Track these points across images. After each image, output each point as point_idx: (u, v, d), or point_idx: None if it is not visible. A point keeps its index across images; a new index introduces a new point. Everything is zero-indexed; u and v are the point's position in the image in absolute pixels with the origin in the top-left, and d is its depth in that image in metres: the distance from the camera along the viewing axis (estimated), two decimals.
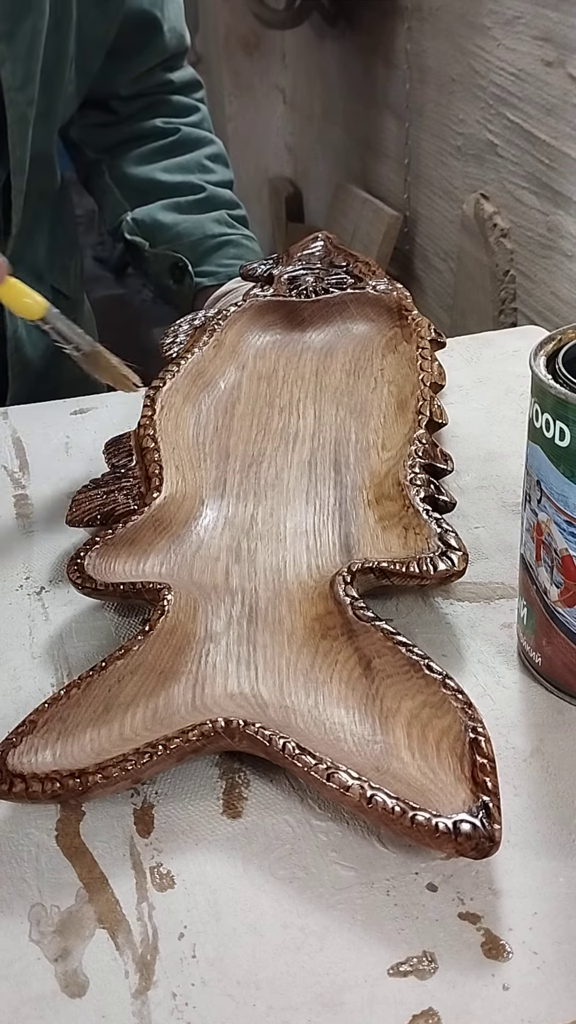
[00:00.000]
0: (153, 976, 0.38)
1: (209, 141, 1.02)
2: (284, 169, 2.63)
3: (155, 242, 0.95)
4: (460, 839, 0.38)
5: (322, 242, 0.85)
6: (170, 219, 0.95)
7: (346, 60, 2.05)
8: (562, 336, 0.45)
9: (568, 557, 0.44)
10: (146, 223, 0.96)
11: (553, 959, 0.37)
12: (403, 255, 1.87)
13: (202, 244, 0.94)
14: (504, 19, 1.35)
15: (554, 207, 1.31)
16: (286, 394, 0.68)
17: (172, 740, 0.43)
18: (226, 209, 0.97)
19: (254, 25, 2.31)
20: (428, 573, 0.50)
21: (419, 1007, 0.36)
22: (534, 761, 0.45)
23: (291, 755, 0.41)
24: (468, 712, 0.42)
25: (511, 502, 0.62)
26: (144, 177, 0.96)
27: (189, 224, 0.95)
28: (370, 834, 0.42)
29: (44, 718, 0.45)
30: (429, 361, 0.67)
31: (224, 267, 0.93)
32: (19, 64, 0.80)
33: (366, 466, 0.61)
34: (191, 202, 0.96)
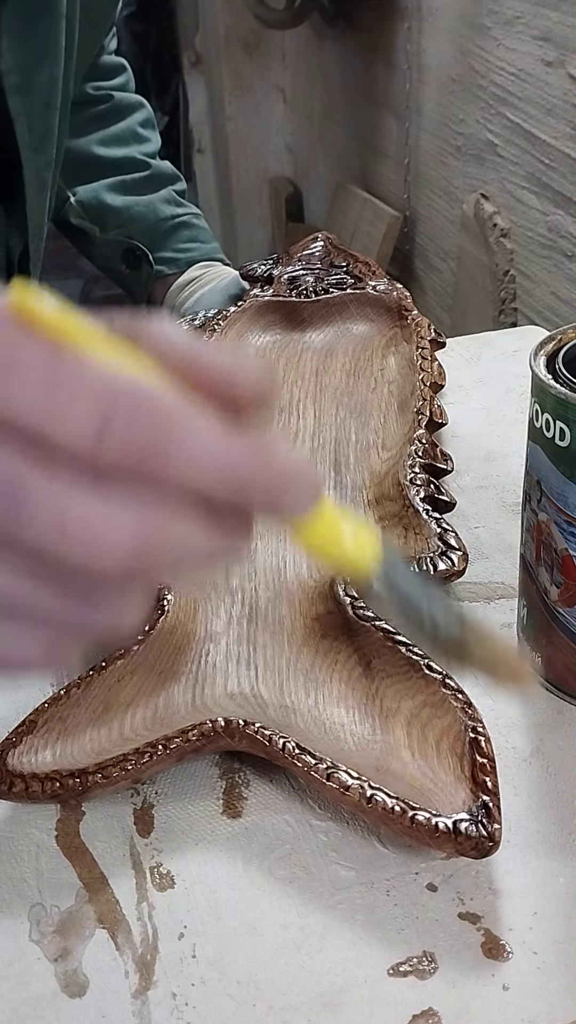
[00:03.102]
0: (153, 976, 0.38)
1: (139, 105, 0.97)
2: (284, 169, 2.63)
3: (106, 227, 0.91)
4: (460, 839, 0.38)
5: (322, 242, 0.85)
6: (120, 202, 0.91)
7: (346, 60, 2.05)
8: (562, 336, 0.45)
9: (568, 557, 0.44)
10: (94, 206, 0.91)
11: (553, 959, 0.37)
12: (403, 255, 1.87)
13: (157, 229, 0.91)
14: (504, 19, 1.35)
15: (554, 207, 1.31)
16: (286, 394, 0.68)
17: (172, 740, 0.43)
18: (171, 184, 0.94)
19: (254, 25, 2.31)
20: (428, 573, 0.50)
21: (419, 1007, 0.36)
22: (534, 761, 0.45)
23: (291, 755, 0.41)
24: (468, 712, 0.42)
25: (511, 502, 0.62)
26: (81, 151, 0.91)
27: (141, 207, 0.91)
28: (370, 834, 0.42)
29: (44, 718, 0.45)
30: (429, 361, 0.67)
31: (182, 252, 0.91)
32: (36, 120, 0.72)
33: (366, 466, 0.61)
34: (137, 180, 0.92)
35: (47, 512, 0.22)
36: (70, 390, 0.22)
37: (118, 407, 0.22)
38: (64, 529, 0.22)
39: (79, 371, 0.22)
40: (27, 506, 0.22)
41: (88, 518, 0.22)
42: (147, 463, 0.22)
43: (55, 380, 0.22)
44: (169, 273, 0.91)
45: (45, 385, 0.22)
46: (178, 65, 2.65)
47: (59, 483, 0.22)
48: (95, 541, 0.22)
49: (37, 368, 0.22)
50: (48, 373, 0.22)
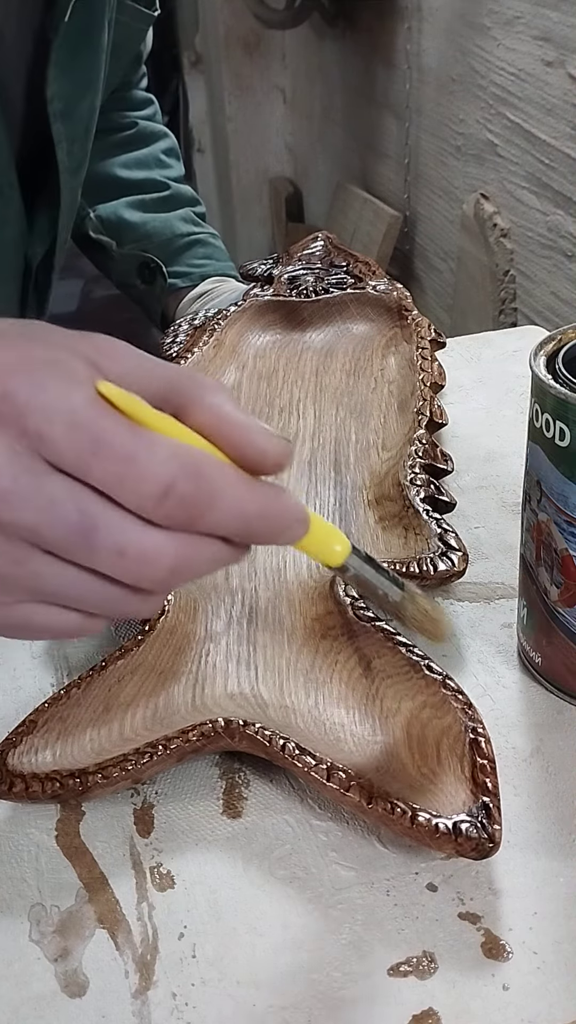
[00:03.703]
0: (153, 976, 0.38)
1: (164, 134, 1.01)
2: (284, 169, 2.63)
3: (122, 242, 0.94)
4: (460, 839, 0.38)
5: (322, 242, 0.85)
6: (137, 218, 0.93)
7: (346, 60, 2.05)
8: (562, 336, 0.45)
9: (568, 557, 0.44)
10: (112, 221, 0.94)
11: (553, 959, 0.37)
12: (403, 255, 1.87)
13: (172, 244, 0.93)
14: (504, 19, 1.35)
15: (554, 207, 1.31)
16: (286, 394, 0.68)
17: (172, 740, 0.43)
18: (189, 206, 0.96)
19: (254, 25, 2.31)
20: (428, 573, 0.50)
21: (419, 1007, 0.36)
22: (534, 761, 0.45)
23: (291, 755, 0.41)
24: (468, 712, 0.42)
25: (511, 502, 0.62)
26: (103, 173, 0.94)
27: (157, 223, 0.93)
28: (370, 834, 0.42)
29: (44, 718, 0.45)
30: (429, 361, 0.67)
31: (196, 267, 0.93)
32: (76, 145, 0.77)
33: (366, 466, 0.61)
34: (156, 200, 0.95)
35: (111, 541, 0.30)
36: (141, 465, 0.29)
37: (176, 480, 0.29)
38: (124, 555, 0.30)
39: (148, 448, 0.29)
40: (97, 536, 0.30)
41: (141, 547, 0.30)
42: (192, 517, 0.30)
43: (130, 456, 0.29)
44: (182, 286, 0.92)
45: (123, 461, 0.29)
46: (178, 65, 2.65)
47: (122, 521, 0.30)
48: (145, 565, 0.30)
49: (115, 446, 0.29)
50: (124, 450, 0.29)
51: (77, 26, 0.71)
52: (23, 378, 0.29)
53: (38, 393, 0.29)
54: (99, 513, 0.29)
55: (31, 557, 0.30)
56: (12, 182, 0.73)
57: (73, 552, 0.30)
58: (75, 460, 0.29)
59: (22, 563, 0.30)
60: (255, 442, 0.32)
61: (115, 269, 0.95)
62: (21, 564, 0.30)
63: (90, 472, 0.29)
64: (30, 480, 0.29)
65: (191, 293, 0.91)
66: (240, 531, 0.32)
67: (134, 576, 0.31)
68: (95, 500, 0.29)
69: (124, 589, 0.31)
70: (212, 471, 0.30)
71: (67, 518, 0.29)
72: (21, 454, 0.29)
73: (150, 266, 0.92)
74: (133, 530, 0.30)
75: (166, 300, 0.93)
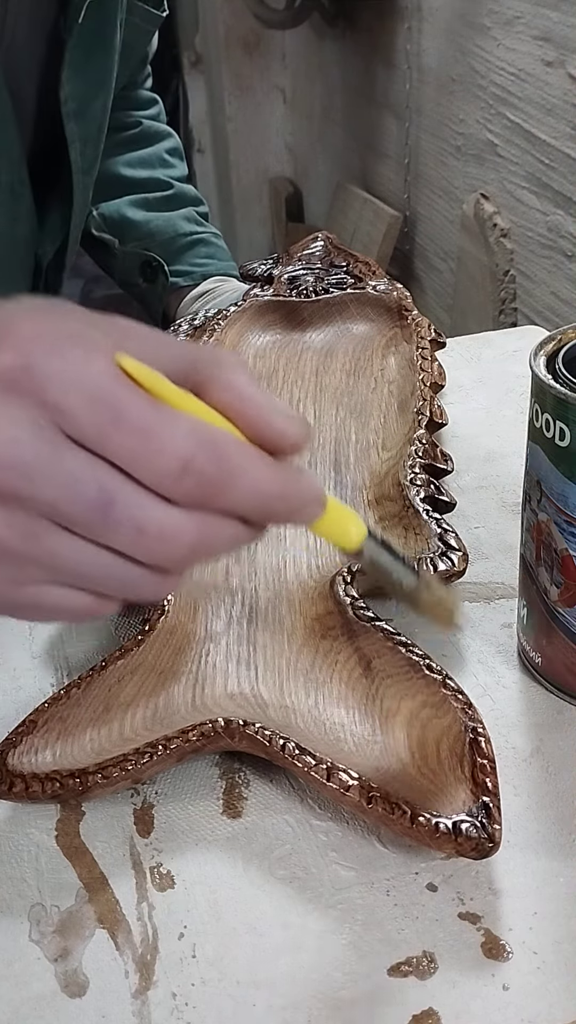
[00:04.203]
0: (153, 976, 0.38)
1: (168, 134, 1.01)
2: (284, 169, 2.63)
3: (125, 240, 0.94)
4: (460, 839, 0.38)
5: (322, 242, 0.85)
6: (140, 216, 0.94)
7: (346, 60, 2.05)
8: (562, 336, 0.45)
9: (568, 557, 0.44)
10: (115, 220, 0.94)
11: (553, 959, 0.37)
12: (403, 255, 1.87)
13: (174, 243, 0.93)
14: (504, 19, 1.35)
15: (554, 207, 1.31)
16: (286, 394, 0.68)
17: (172, 740, 0.43)
18: (192, 206, 0.97)
19: (254, 25, 2.31)
20: (428, 573, 0.50)
21: (419, 1007, 0.36)
22: (534, 761, 0.45)
23: (291, 755, 0.41)
24: (468, 712, 0.42)
25: (511, 502, 0.62)
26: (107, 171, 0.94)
27: (160, 222, 0.94)
28: (370, 834, 0.42)
29: (44, 718, 0.45)
30: (429, 361, 0.67)
31: (198, 266, 0.93)
32: (89, 145, 0.77)
33: (366, 466, 0.61)
34: (159, 199, 0.95)
35: (130, 518, 0.29)
36: (160, 440, 0.29)
37: (195, 457, 0.29)
38: (142, 531, 0.29)
39: (168, 423, 0.29)
40: (115, 512, 0.29)
41: (160, 525, 0.30)
42: (210, 495, 0.30)
43: (149, 430, 0.29)
44: (184, 285, 0.92)
45: (142, 434, 0.29)
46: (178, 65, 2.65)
47: (141, 497, 0.29)
48: (164, 542, 0.30)
49: (135, 421, 0.29)
50: (143, 424, 0.29)
51: (91, 27, 0.71)
52: (44, 349, 0.29)
53: (58, 365, 0.28)
54: (118, 489, 0.29)
55: (48, 533, 0.30)
56: (24, 180, 0.73)
57: (91, 528, 0.29)
58: (94, 433, 0.29)
59: (38, 539, 0.30)
60: (274, 423, 0.31)
61: (117, 267, 0.95)
62: (37, 540, 0.30)
63: (109, 446, 0.29)
64: (50, 454, 0.28)
65: (192, 292, 0.91)
66: (259, 510, 0.31)
67: (152, 554, 0.30)
68: (114, 476, 0.29)
69: (141, 568, 0.31)
70: (231, 449, 0.30)
71: (86, 494, 0.29)
72: (41, 427, 0.28)
73: (152, 264, 0.92)
74: (152, 507, 0.29)
75: (167, 299, 0.93)
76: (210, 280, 0.91)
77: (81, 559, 0.30)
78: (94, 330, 0.30)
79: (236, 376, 0.31)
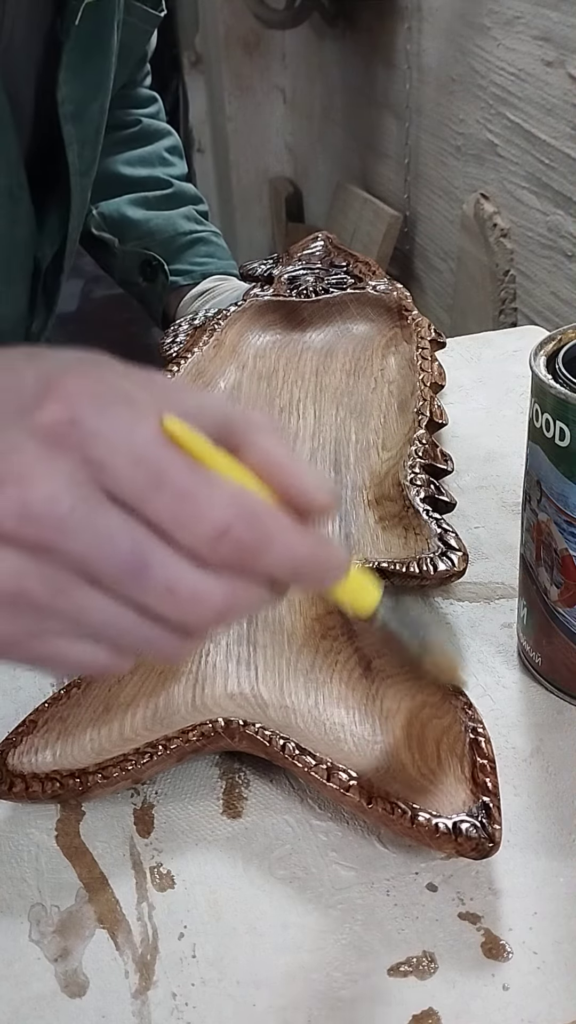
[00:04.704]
0: (153, 976, 0.38)
1: (167, 132, 1.01)
2: (284, 169, 2.63)
3: (125, 239, 0.94)
4: (460, 839, 0.38)
5: (322, 242, 0.85)
6: (140, 215, 0.93)
7: (346, 60, 2.05)
8: (562, 336, 0.45)
9: (568, 557, 0.44)
10: (114, 219, 0.94)
11: (553, 959, 0.37)
12: (403, 255, 1.87)
13: (174, 242, 0.93)
14: (504, 19, 1.35)
15: (554, 207, 1.31)
16: (286, 394, 0.68)
17: (172, 740, 0.43)
18: (192, 205, 0.97)
19: (254, 25, 2.31)
20: (428, 573, 0.50)
21: (419, 1007, 0.36)
22: (534, 761, 0.45)
23: (291, 755, 0.41)
24: (468, 712, 0.42)
25: (511, 502, 0.62)
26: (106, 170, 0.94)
27: (160, 221, 0.94)
28: (370, 834, 0.42)
29: (44, 718, 0.45)
30: (429, 361, 0.67)
31: (198, 265, 0.93)
32: (87, 147, 0.77)
33: (366, 466, 0.61)
34: (159, 198, 0.95)
35: (163, 579, 0.30)
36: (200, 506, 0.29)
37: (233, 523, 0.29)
38: (174, 593, 0.30)
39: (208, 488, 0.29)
40: (149, 572, 0.29)
41: (192, 588, 0.30)
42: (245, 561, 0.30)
43: (190, 495, 0.29)
44: (184, 284, 0.92)
45: (183, 499, 0.29)
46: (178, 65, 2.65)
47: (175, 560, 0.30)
48: (194, 604, 0.30)
49: (176, 484, 0.29)
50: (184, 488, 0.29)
51: (88, 29, 0.71)
52: (92, 407, 0.29)
53: (105, 422, 0.29)
54: (152, 549, 0.29)
55: (77, 587, 0.29)
56: (22, 183, 0.73)
57: (123, 586, 0.30)
58: (135, 494, 0.29)
59: (67, 593, 0.29)
60: (303, 486, 0.32)
61: (117, 266, 0.95)
62: (66, 594, 0.29)
63: (148, 507, 0.29)
64: (87, 510, 0.29)
65: (192, 291, 0.91)
66: (288, 574, 0.32)
67: (181, 615, 0.30)
68: (149, 536, 0.29)
69: (165, 629, 0.31)
70: (267, 516, 0.30)
71: (120, 551, 0.29)
72: (81, 482, 0.29)
73: (152, 263, 0.92)
74: (185, 569, 0.30)
75: (167, 298, 0.93)
76: (210, 279, 0.91)
77: (107, 616, 0.30)
78: (140, 390, 0.30)
79: (269, 439, 0.32)
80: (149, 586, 0.29)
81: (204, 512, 0.29)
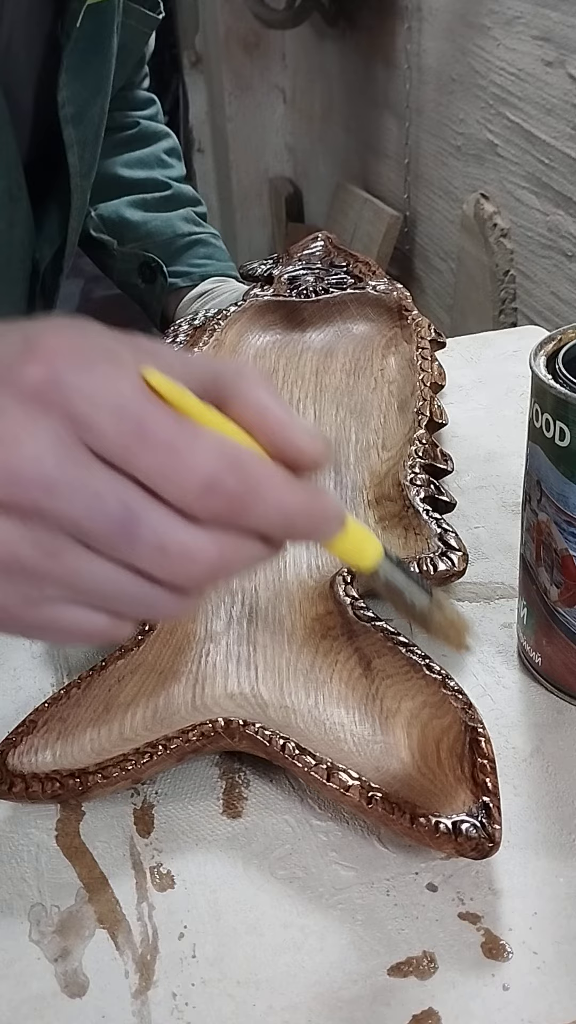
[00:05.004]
0: (153, 976, 0.38)
1: (166, 134, 1.01)
2: (284, 169, 2.63)
3: (123, 240, 0.94)
4: (460, 839, 0.38)
5: (322, 242, 0.85)
6: (138, 217, 0.94)
7: (346, 60, 2.05)
8: (562, 336, 0.45)
9: (568, 557, 0.44)
10: (113, 220, 0.94)
11: (553, 959, 0.37)
12: (403, 255, 1.87)
13: (173, 243, 0.93)
14: (504, 19, 1.35)
15: (554, 207, 1.31)
16: (286, 394, 0.68)
17: (172, 740, 0.43)
18: (191, 206, 0.97)
19: (254, 25, 2.31)
20: (428, 573, 0.50)
21: (419, 1007, 0.36)
22: (534, 761, 0.45)
23: (291, 755, 0.41)
24: (468, 712, 0.42)
25: (511, 502, 0.62)
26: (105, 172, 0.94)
27: (159, 223, 0.94)
28: (370, 834, 0.42)
29: (44, 718, 0.45)
30: (429, 361, 0.67)
31: (196, 267, 0.93)
32: (87, 149, 0.78)
33: (366, 466, 0.61)
34: (157, 199, 0.95)
35: (154, 537, 0.29)
36: (186, 457, 0.29)
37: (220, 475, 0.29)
38: (165, 551, 0.29)
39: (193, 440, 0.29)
40: (139, 531, 0.29)
41: (183, 545, 0.29)
42: (234, 513, 0.30)
43: (175, 447, 0.29)
44: (183, 286, 0.92)
45: (167, 451, 0.29)
46: (178, 65, 2.65)
47: (165, 516, 0.29)
48: (186, 562, 0.30)
49: (161, 437, 0.29)
50: (169, 440, 0.29)
51: (88, 31, 0.71)
52: (72, 364, 0.29)
53: (86, 379, 0.28)
54: (142, 507, 0.29)
55: (69, 550, 0.29)
56: (21, 184, 0.73)
57: (114, 546, 0.29)
58: (120, 449, 0.28)
59: (59, 556, 0.29)
60: (295, 440, 0.31)
61: (116, 268, 0.95)
62: (58, 557, 0.29)
63: (134, 461, 0.29)
64: (75, 470, 0.28)
65: (191, 293, 0.91)
66: (280, 528, 0.31)
67: (174, 573, 0.30)
68: (138, 494, 0.29)
69: (160, 588, 0.31)
70: (255, 467, 0.30)
71: (110, 511, 0.29)
72: (67, 442, 0.28)
73: (151, 265, 0.92)
74: (176, 526, 0.29)
75: (166, 299, 0.93)
76: (209, 280, 0.91)
77: (100, 577, 0.30)
78: (121, 346, 0.30)
79: (258, 391, 0.31)
80: (140, 545, 0.29)
81: (190, 464, 0.29)
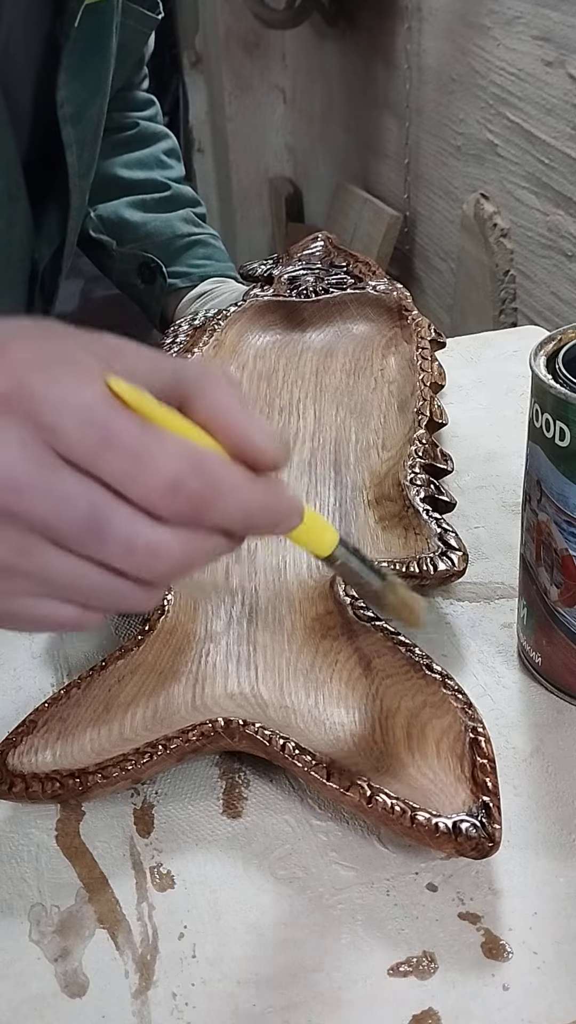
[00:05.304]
0: (153, 976, 0.38)
1: (165, 135, 1.01)
2: (284, 169, 2.63)
3: (123, 241, 0.94)
4: (460, 839, 0.38)
5: (322, 242, 0.85)
6: (138, 218, 0.94)
7: (346, 60, 2.05)
8: (562, 336, 0.45)
9: (568, 557, 0.44)
10: (112, 221, 0.94)
11: (553, 959, 0.37)
12: (403, 255, 1.87)
13: (172, 244, 0.93)
14: (504, 19, 1.35)
15: (554, 207, 1.31)
16: (286, 394, 0.68)
17: (172, 740, 0.43)
18: (190, 207, 0.97)
19: (254, 25, 2.31)
20: (428, 573, 0.50)
21: (419, 1007, 0.36)
22: (534, 761, 0.45)
23: (291, 755, 0.41)
24: (468, 712, 0.42)
25: (511, 502, 0.62)
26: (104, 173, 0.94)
27: (158, 223, 0.94)
28: (370, 834, 0.42)
29: (44, 718, 0.45)
30: (429, 361, 0.67)
31: (196, 267, 0.93)
32: (86, 149, 0.78)
33: (366, 466, 0.61)
34: (156, 200, 0.95)
35: (122, 536, 0.31)
36: (150, 461, 0.30)
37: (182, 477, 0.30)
38: (133, 550, 0.31)
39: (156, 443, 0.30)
40: (107, 530, 0.30)
41: (150, 543, 0.31)
42: (198, 512, 0.31)
43: (139, 451, 0.30)
44: (182, 286, 0.92)
45: (132, 455, 0.30)
46: (178, 65, 2.65)
47: (131, 516, 0.31)
48: (153, 559, 0.31)
49: (126, 442, 0.30)
50: (133, 445, 0.30)
51: (87, 31, 0.71)
52: (37, 372, 0.30)
53: (53, 388, 0.30)
54: (109, 507, 0.30)
55: (39, 548, 0.31)
56: (20, 184, 0.73)
57: (83, 545, 0.31)
58: (86, 454, 0.30)
59: (30, 554, 0.31)
60: (253, 441, 0.33)
61: (115, 268, 0.95)
62: (29, 555, 0.31)
63: (100, 466, 0.30)
64: (44, 473, 0.30)
65: (191, 293, 0.91)
66: (241, 524, 0.33)
67: (141, 569, 0.31)
68: (105, 494, 0.30)
69: (128, 582, 0.32)
70: (217, 467, 0.31)
71: (78, 511, 0.30)
72: (35, 447, 0.30)
73: (150, 266, 0.92)
74: (142, 525, 0.31)
75: (165, 300, 0.93)
76: (208, 281, 0.91)
77: (71, 574, 0.31)
78: (85, 353, 0.31)
79: (219, 393, 0.33)
80: (108, 544, 0.30)
81: (153, 468, 0.30)
